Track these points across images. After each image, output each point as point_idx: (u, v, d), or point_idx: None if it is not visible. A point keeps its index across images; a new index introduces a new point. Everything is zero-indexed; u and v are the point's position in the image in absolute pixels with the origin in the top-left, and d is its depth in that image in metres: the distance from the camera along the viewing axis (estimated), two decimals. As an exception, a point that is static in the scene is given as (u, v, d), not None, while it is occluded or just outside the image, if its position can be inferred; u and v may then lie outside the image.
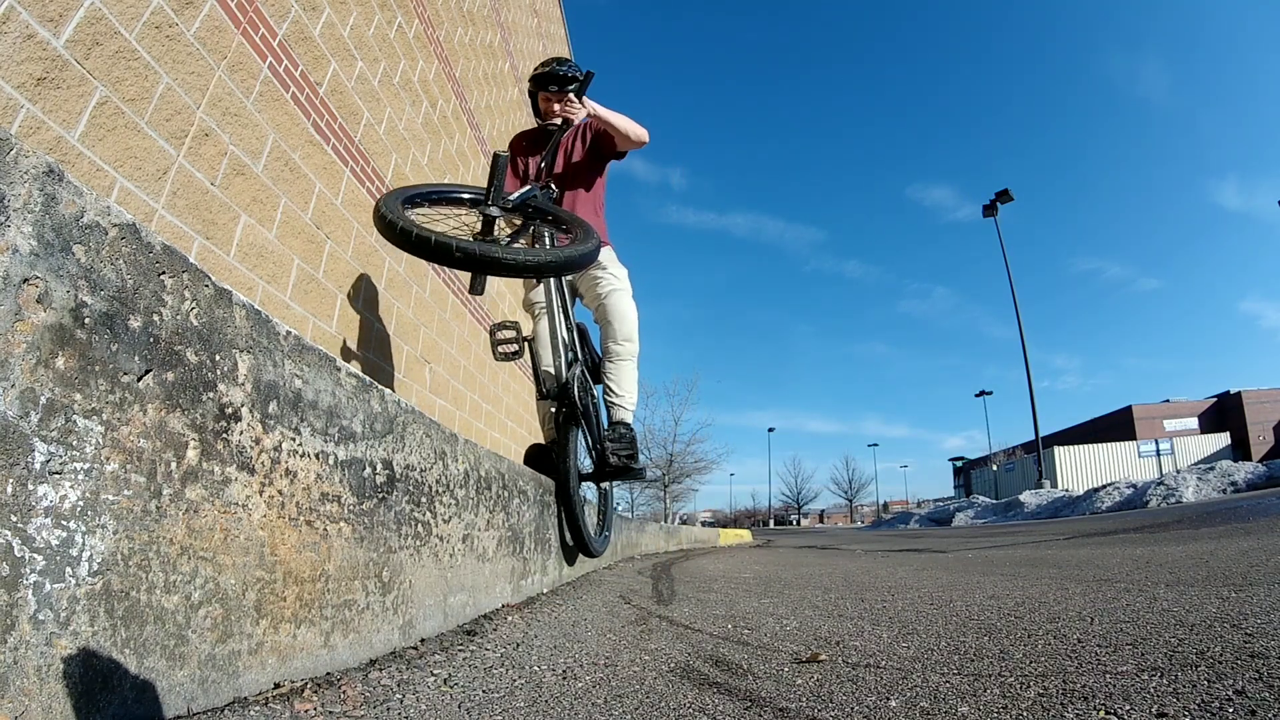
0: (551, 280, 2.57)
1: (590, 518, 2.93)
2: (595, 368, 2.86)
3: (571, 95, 2.73)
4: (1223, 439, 32.86)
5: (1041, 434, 22.01)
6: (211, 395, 0.88)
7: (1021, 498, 17.61)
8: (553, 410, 2.58)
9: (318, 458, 1.10)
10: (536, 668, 1.26)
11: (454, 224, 2.30)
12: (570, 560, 3.02)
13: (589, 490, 3.31)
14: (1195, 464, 18.51)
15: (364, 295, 3.92)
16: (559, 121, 2.78)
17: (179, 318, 0.83)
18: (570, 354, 2.59)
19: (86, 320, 0.70)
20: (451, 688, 1.09)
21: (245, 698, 0.89)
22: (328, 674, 1.07)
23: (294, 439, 1.04)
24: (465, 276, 5.94)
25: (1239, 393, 35.26)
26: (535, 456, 2.82)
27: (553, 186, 2.76)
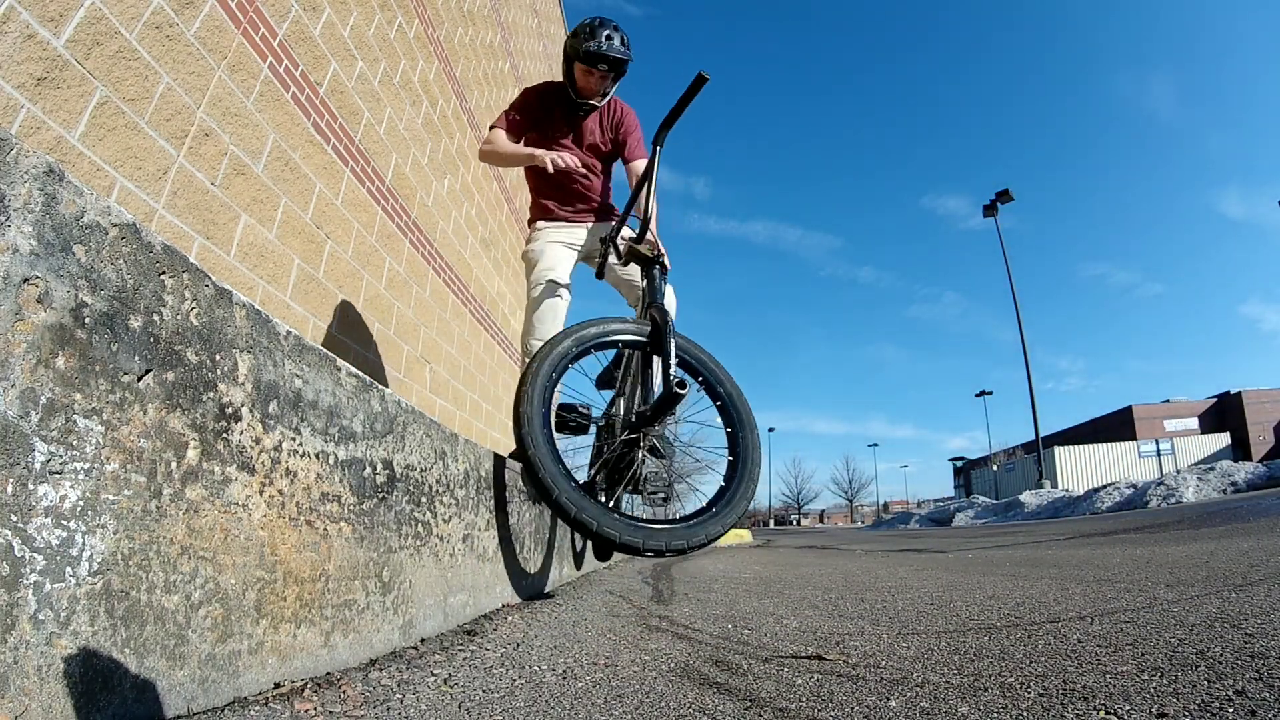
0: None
1: None
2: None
3: (655, 239, 2.37)
4: (1223, 439, 32.84)
5: (1042, 434, 22.00)
6: (212, 395, 0.88)
7: (1022, 498, 17.59)
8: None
9: (318, 457, 1.10)
10: (536, 668, 1.26)
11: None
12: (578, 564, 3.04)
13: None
14: (1195, 464, 18.49)
15: (364, 295, 3.92)
16: (595, 103, 2.65)
17: (179, 318, 0.83)
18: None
19: (87, 320, 0.70)
20: (451, 688, 1.09)
21: (245, 697, 0.89)
22: (328, 674, 1.07)
23: (294, 439, 1.04)
24: (464, 276, 5.95)
25: (1239, 393, 35.24)
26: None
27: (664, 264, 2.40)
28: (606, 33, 2.53)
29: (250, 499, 0.93)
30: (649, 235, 2.33)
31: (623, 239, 2.41)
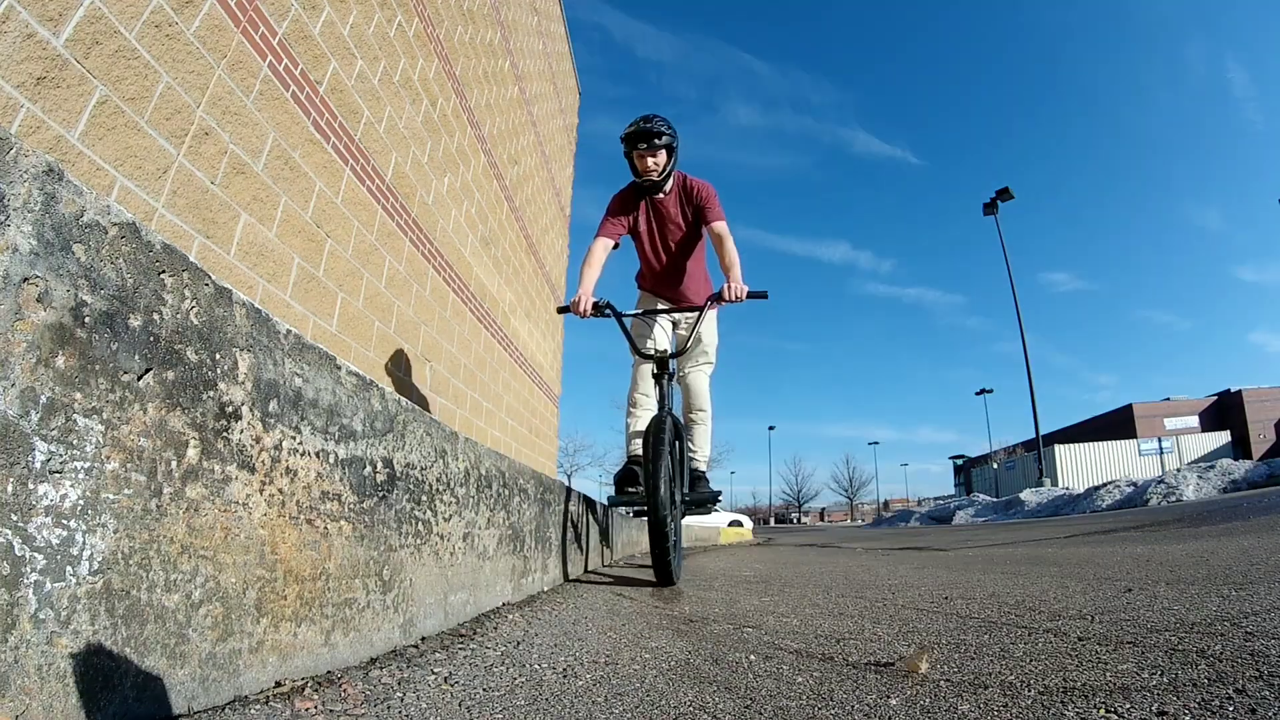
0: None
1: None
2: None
3: (744, 286, 2.97)
4: (1223, 437, 32.82)
5: (1043, 432, 22.00)
6: (212, 394, 0.88)
7: (1022, 496, 17.59)
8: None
9: (318, 456, 1.10)
10: (537, 666, 1.26)
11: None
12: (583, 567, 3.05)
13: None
14: (1195, 462, 18.50)
15: (365, 294, 3.91)
16: (655, 178, 3.08)
17: (179, 316, 0.83)
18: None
19: (86, 319, 0.70)
20: (452, 686, 1.09)
21: (246, 696, 0.89)
22: (328, 672, 1.07)
23: (294, 437, 1.04)
24: (464, 275, 5.94)
25: (1239, 391, 35.21)
26: (624, 478, 3.20)
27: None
28: (641, 122, 3.06)
29: (250, 498, 0.93)
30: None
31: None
